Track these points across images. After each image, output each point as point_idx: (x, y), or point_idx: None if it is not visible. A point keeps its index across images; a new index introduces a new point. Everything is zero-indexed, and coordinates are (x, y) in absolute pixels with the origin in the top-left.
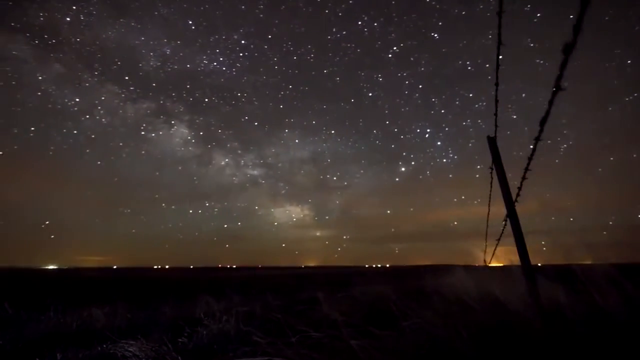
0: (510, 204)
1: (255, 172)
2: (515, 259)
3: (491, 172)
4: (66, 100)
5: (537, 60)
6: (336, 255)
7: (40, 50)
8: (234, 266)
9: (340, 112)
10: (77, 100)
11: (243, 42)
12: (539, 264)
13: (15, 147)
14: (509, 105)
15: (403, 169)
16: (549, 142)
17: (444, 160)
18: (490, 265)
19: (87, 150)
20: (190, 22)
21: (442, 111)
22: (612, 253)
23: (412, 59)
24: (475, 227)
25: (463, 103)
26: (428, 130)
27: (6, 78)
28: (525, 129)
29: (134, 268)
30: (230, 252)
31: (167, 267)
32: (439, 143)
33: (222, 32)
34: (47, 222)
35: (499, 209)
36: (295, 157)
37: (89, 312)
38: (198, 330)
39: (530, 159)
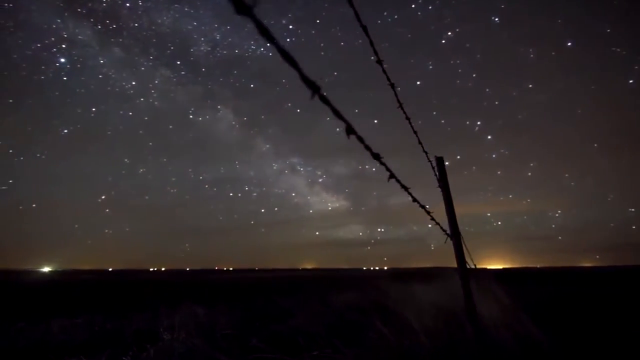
0: (453, 222)
1: (295, 160)
2: (511, 260)
3: (441, 190)
4: (123, 84)
5: (613, 48)
6: (368, 247)
7: (102, 35)
8: (231, 268)
9: (385, 101)
10: (133, 83)
11: (291, 27)
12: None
13: (79, 126)
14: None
15: (447, 163)
16: None
17: (493, 155)
18: (478, 267)
19: (140, 132)
20: None
21: (496, 103)
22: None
23: (467, 45)
24: (522, 227)
25: (521, 95)
26: (478, 123)
27: (73, 61)
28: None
29: (129, 270)
30: (265, 236)
31: (163, 269)
32: (489, 137)
33: (270, 17)
34: (102, 197)
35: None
36: (335, 145)
37: (59, 323)
38: (147, 347)
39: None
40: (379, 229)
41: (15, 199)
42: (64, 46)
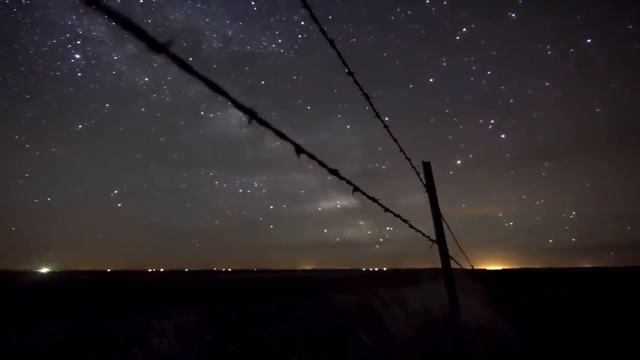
0: (439, 227)
1: (304, 157)
2: (507, 261)
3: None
4: (136, 80)
5: (635, 45)
6: (377, 246)
7: (116, 31)
8: (229, 269)
9: (397, 99)
10: (146, 79)
11: (302, 23)
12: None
13: (93, 122)
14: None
15: (459, 162)
16: None
17: (507, 154)
18: (475, 268)
19: (152, 128)
20: (253, 3)
21: (511, 101)
22: None
23: (482, 41)
24: (535, 228)
25: (537, 92)
26: (492, 122)
27: (87, 57)
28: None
29: (127, 271)
30: (273, 233)
31: (161, 270)
32: (503, 136)
33: (282, 13)
34: (115, 191)
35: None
36: (345, 143)
37: (52, 326)
38: (134, 352)
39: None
40: (387, 228)
41: (31, 192)
42: (78, 42)
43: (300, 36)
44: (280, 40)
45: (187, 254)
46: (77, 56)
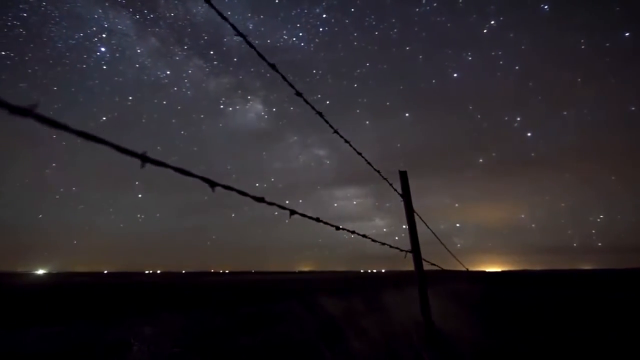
0: (414, 237)
1: (321, 152)
2: (506, 262)
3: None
4: (159, 73)
5: None
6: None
7: (140, 24)
8: (226, 271)
9: (419, 94)
10: (168, 72)
11: (324, 16)
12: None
13: (116, 114)
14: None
15: (481, 160)
16: None
17: (532, 154)
18: (470, 270)
19: (173, 120)
20: None
21: (539, 98)
22: None
23: (511, 35)
24: (558, 231)
25: (568, 90)
26: (518, 119)
27: (112, 50)
28: None
29: (124, 273)
30: (287, 229)
31: (158, 272)
32: (529, 134)
33: (304, 5)
34: (136, 183)
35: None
36: (363, 138)
37: (38, 331)
38: None
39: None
40: (404, 226)
41: (57, 182)
42: (104, 36)
43: (321, 29)
44: (301, 34)
45: (187, 254)
46: (103, 49)
